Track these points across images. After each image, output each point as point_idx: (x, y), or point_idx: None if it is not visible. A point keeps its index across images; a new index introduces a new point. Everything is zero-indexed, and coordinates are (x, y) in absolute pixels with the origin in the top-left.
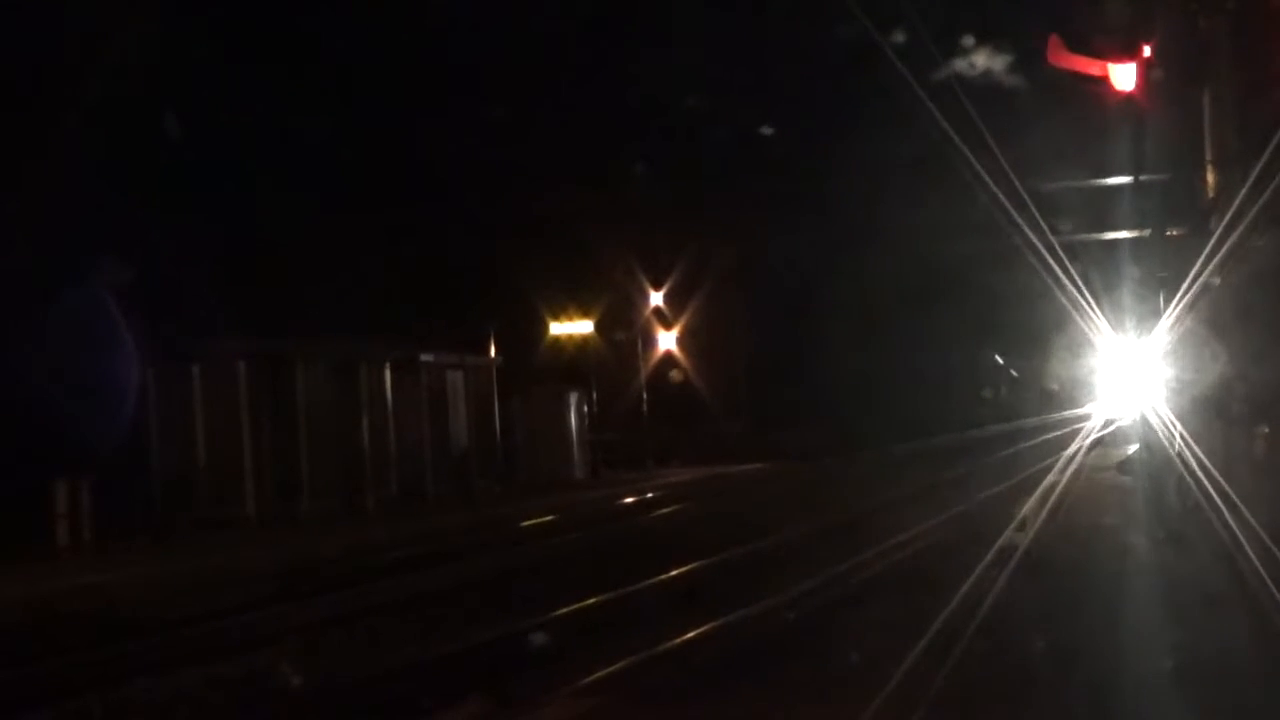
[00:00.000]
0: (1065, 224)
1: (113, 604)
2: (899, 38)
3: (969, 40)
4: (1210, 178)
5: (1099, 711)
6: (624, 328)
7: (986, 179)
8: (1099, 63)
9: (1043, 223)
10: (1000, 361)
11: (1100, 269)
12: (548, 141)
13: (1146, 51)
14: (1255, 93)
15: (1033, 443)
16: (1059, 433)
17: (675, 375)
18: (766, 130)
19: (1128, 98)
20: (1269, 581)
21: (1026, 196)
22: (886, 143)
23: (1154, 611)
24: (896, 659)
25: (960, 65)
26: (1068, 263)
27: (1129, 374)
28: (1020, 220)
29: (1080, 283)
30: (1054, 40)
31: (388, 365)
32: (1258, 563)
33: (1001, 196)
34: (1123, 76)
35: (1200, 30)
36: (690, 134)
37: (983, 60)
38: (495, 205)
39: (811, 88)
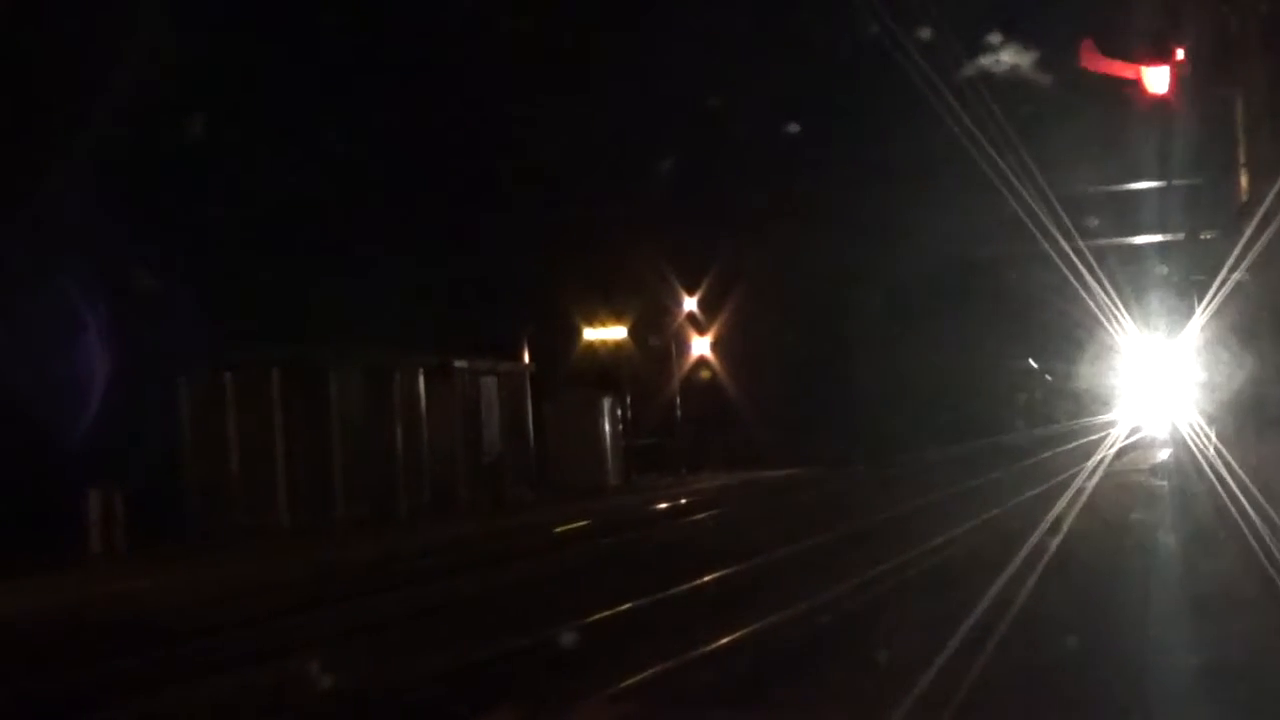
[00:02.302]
0: (1096, 228)
1: (146, 612)
2: (930, 43)
3: (1000, 45)
4: (1243, 180)
5: (1122, 704)
6: (657, 333)
7: (1015, 183)
8: (1132, 66)
9: (1072, 227)
10: (1034, 365)
11: (1131, 273)
12: (581, 146)
13: (1179, 54)
14: None
15: (1067, 447)
16: (1092, 437)
17: (704, 374)
18: (800, 134)
19: (1160, 101)
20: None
21: (1056, 201)
22: (920, 146)
23: (1180, 613)
24: (926, 666)
25: (991, 70)
26: (1097, 267)
27: (1162, 378)
28: (1050, 224)
29: (1111, 287)
30: (1086, 44)
31: (421, 372)
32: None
33: (1031, 201)
34: (1155, 79)
35: (1232, 32)
36: (723, 138)
37: (1014, 65)
38: (529, 211)
39: (843, 90)
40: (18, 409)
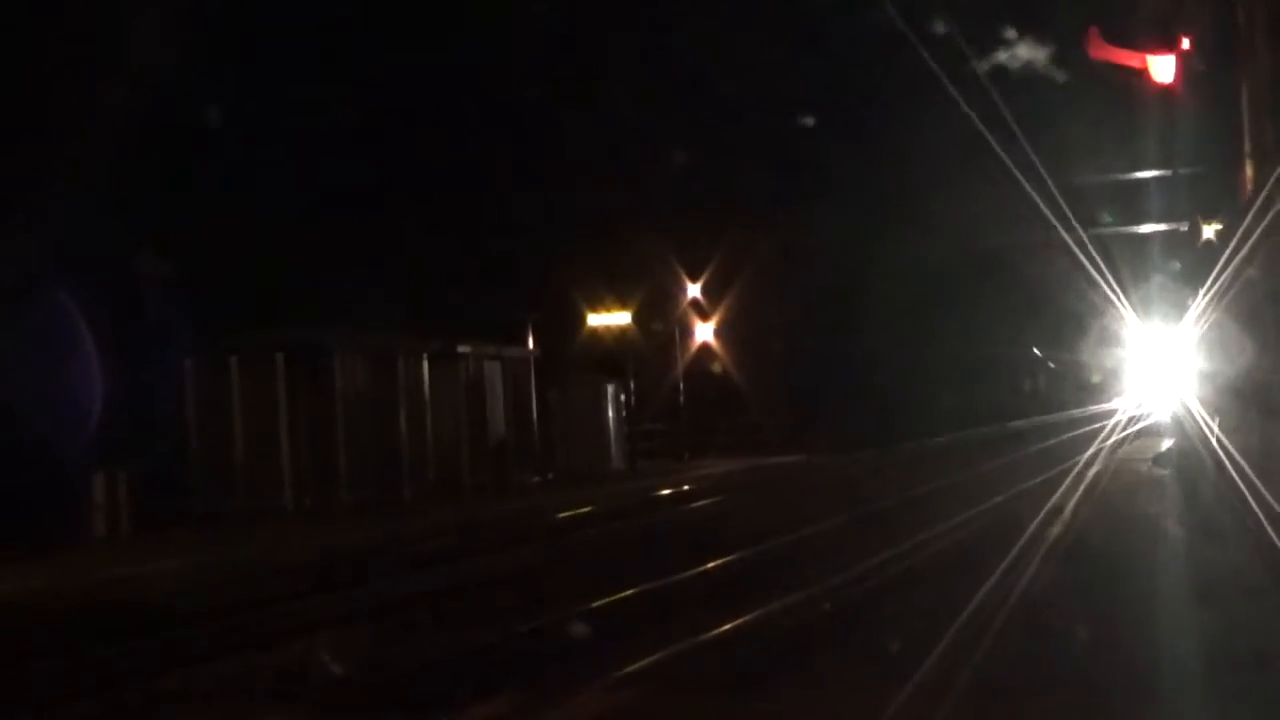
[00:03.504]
0: (1101, 217)
1: (149, 595)
2: (937, 30)
3: (1008, 34)
4: (1248, 169)
5: (1126, 688)
6: (661, 319)
7: (1021, 172)
8: (1138, 55)
9: (1078, 216)
10: (1039, 354)
11: (1136, 261)
12: (586, 131)
13: (1185, 44)
14: None
15: (1070, 435)
16: (1096, 425)
17: (709, 360)
18: (808, 121)
19: (1165, 90)
20: None
21: (1062, 190)
22: (926, 134)
23: (1182, 598)
24: (928, 655)
25: (999, 59)
26: (1102, 256)
27: (1167, 365)
28: (1055, 214)
29: (1117, 276)
30: (1093, 33)
31: (425, 357)
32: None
33: (1037, 190)
34: (1161, 68)
35: (1239, 21)
36: (729, 123)
37: (1022, 54)
38: (533, 196)
39: (852, 78)
40: (23, 392)
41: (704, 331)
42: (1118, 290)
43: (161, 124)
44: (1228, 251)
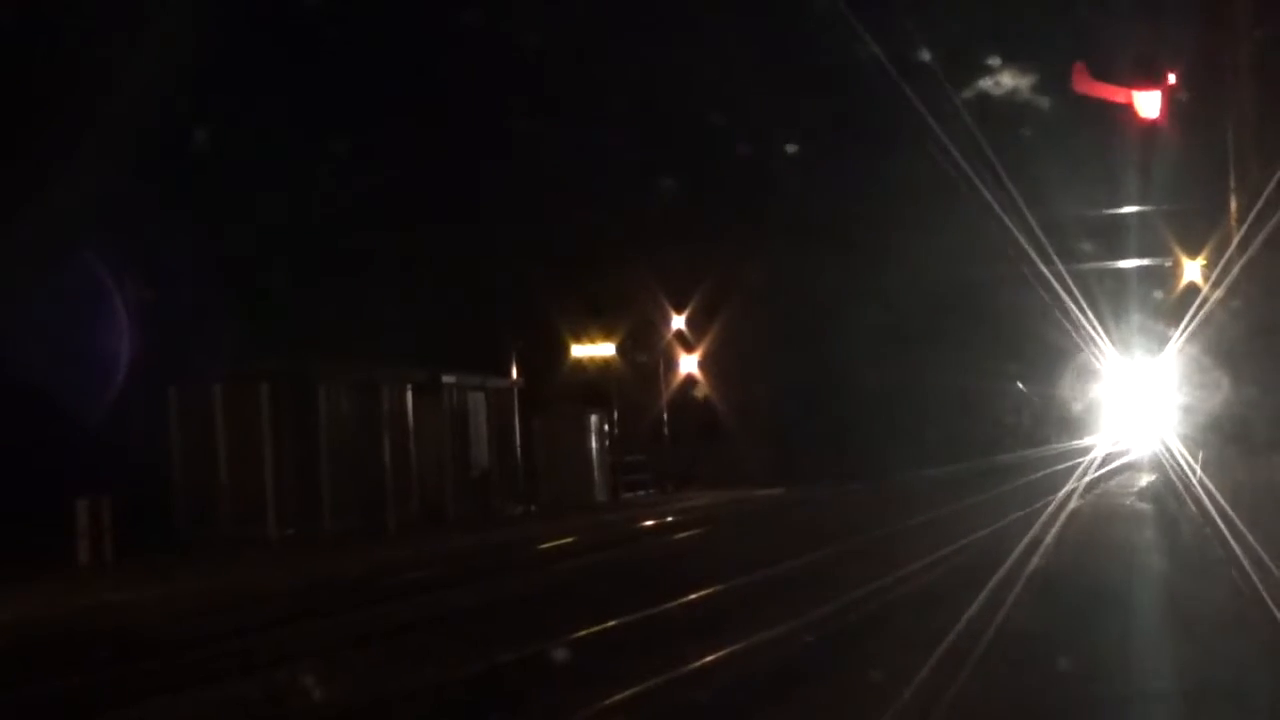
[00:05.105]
0: (1085, 252)
1: (131, 623)
2: (921, 67)
3: (993, 70)
4: (1233, 204)
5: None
6: (646, 350)
7: (1003, 207)
8: (1123, 90)
9: (1062, 251)
10: (1022, 388)
11: (1120, 296)
12: (571, 162)
13: (1171, 79)
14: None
15: (1053, 469)
16: (1079, 460)
17: (698, 391)
18: (790, 148)
19: (1151, 125)
20: (1271, 603)
21: (1046, 225)
22: (912, 169)
23: (1159, 631)
24: (911, 681)
25: (984, 94)
26: (1087, 291)
27: (1149, 400)
28: (1039, 249)
29: (1100, 311)
30: (1079, 68)
31: (409, 387)
32: (1260, 587)
33: (1020, 226)
34: (1147, 104)
35: (1225, 58)
36: (715, 157)
37: (1007, 89)
38: (519, 226)
39: (836, 113)
40: (7, 418)
41: (688, 363)
42: (1103, 326)
43: (148, 147)
44: (1208, 286)
